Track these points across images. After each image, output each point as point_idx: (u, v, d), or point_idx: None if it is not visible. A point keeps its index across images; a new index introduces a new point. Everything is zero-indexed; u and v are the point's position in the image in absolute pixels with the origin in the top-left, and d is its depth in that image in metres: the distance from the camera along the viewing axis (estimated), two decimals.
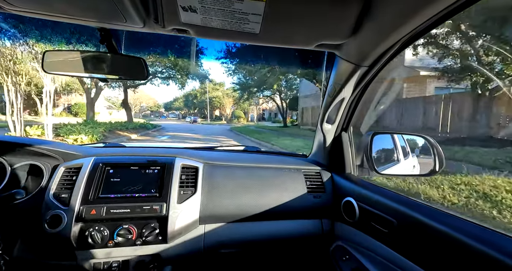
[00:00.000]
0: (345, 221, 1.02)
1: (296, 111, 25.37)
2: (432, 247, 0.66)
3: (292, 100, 23.82)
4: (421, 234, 0.69)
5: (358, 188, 1.00)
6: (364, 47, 0.79)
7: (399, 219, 0.77)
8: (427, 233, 0.68)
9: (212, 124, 30.50)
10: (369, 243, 0.88)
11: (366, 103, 3.64)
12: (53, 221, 0.84)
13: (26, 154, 0.97)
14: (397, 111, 10.19)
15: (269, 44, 0.86)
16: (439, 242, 0.64)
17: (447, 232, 0.63)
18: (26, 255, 0.88)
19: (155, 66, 14.53)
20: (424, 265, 0.67)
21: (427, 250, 0.67)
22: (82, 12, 0.68)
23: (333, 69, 1.01)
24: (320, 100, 1.16)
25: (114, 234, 0.88)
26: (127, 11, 0.64)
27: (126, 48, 0.84)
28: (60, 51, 0.82)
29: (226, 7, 0.62)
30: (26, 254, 0.88)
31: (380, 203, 0.87)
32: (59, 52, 0.82)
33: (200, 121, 37.56)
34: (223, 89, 43.35)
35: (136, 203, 0.91)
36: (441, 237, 0.64)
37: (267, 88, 21.10)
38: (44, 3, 0.64)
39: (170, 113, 68.36)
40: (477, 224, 0.63)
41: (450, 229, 0.63)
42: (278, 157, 1.33)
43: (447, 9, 0.55)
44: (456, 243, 0.60)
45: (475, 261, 0.55)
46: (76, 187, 0.90)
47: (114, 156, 1.06)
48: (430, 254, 0.66)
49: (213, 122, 38.37)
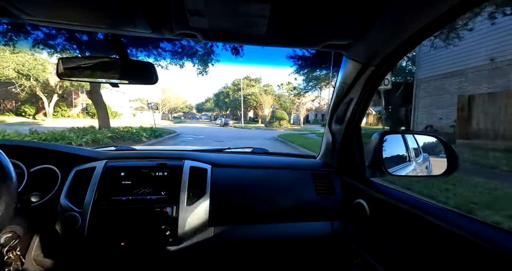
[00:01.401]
0: (356, 223, 1.01)
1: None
2: (447, 251, 0.64)
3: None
4: (436, 237, 0.67)
5: (368, 189, 0.98)
6: (372, 47, 0.78)
7: (412, 222, 0.75)
8: (442, 237, 0.66)
9: (247, 128, 25.65)
10: (381, 245, 0.86)
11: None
12: (68, 222, 0.86)
13: (42, 158, 1.01)
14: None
15: (276, 45, 0.86)
16: (455, 246, 0.62)
17: (463, 235, 0.60)
18: (42, 256, 0.91)
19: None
20: (438, 268, 0.65)
21: (442, 254, 0.65)
22: (94, 20, 0.71)
23: (341, 69, 1.00)
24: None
25: (125, 235, 0.90)
26: (136, 18, 0.66)
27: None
28: (74, 58, 0.85)
29: (233, 10, 0.63)
30: (42, 255, 0.91)
31: (392, 205, 0.85)
32: (73, 59, 0.85)
33: (232, 124, 30.63)
34: (259, 86, 37.34)
35: (146, 205, 0.93)
36: (457, 241, 0.62)
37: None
38: (58, 12, 0.67)
39: (203, 115, 66.14)
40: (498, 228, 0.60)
41: (466, 232, 0.60)
42: (286, 159, 1.32)
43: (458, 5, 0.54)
44: (473, 246, 0.58)
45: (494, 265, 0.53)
46: (89, 190, 0.93)
47: (125, 159, 1.08)
48: (445, 257, 0.64)
49: (248, 125, 32.55)
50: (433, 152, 1.14)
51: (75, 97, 27.18)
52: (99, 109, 10.34)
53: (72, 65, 0.84)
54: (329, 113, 1.17)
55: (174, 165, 1.04)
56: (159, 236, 0.92)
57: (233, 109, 41.09)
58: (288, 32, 0.76)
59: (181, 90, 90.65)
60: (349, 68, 0.93)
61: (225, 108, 44.01)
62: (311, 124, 35.80)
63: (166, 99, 44.99)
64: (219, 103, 45.33)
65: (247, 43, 0.86)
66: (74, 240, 0.87)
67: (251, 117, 43.03)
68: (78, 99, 27.70)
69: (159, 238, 0.92)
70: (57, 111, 25.15)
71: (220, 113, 50.53)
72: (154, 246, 0.93)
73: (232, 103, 39.06)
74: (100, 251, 0.90)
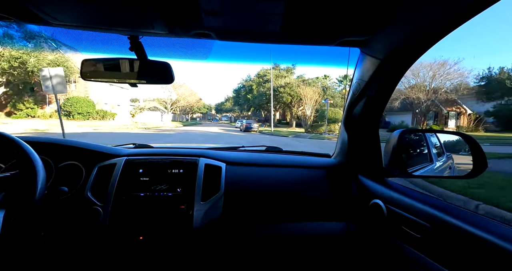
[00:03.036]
0: (372, 224, 0.98)
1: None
2: (470, 255, 0.60)
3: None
4: (459, 240, 0.64)
5: (386, 189, 0.95)
6: (390, 42, 0.74)
7: (433, 223, 0.72)
8: (465, 240, 0.62)
9: (280, 135, 16.36)
10: (399, 247, 0.83)
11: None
12: (91, 215, 0.92)
13: (67, 154, 1.07)
14: None
15: (290, 43, 0.85)
16: (479, 250, 0.58)
17: (489, 240, 0.57)
18: (69, 246, 0.97)
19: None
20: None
21: (464, 257, 0.61)
22: (116, 23, 0.74)
23: (357, 66, 0.97)
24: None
25: (144, 229, 0.94)
26: (154, 19, 0.68)
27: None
28: (96, 59, 0.89)
29: (247, 8, 0.63)
30: (69, 246, 0.97)
31: (411, 206, 0.81)
32: (95, 60, 0.89)
33: (257, 128, 20.56)
34: (290, 77, 27.75)
35: (163, 201, 0.96)
36: (482, 245, 0.58)
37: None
38: (83, 17, 0.70)
39: (223, 116, 61.21)
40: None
41: (492, 236, 0.57)
42: (300, 157, 1.31)
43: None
44: (498, 251, 0.54)
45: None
46: (110, 185, 0.97)
47: (143, 156, 1.12)
48: (468, 262, 0.60)
49: (279, 129, 22.73)
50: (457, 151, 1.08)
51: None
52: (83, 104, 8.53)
53: (94, 66, 0.88)
54: (345, 112, 1.14)
55: (189, 162, 1.07)
56: (175, 231, 0.95)
57: (256, 108, 32.89)
58: (302, 30, 0.74)
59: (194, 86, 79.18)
60: (366, 65, 0.90)
61: (247, 107, 35.14)
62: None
63: (181, 95, 36.54)
64: (240, 100, 36.24)
65: (261, 42, 0.86)
66: (97, 232, 0.92)
67: (278, 119, 33.87)
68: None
69: (174, 233, 0.95)
70: (19, 110, 18.29)
71: (241, 114, 43.01)
72: (170, 241, 0.96)
73: (256, 100, 29.93)
74: (120, 243, 0.94)
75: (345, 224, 1.08)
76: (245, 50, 1.09)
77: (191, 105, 42.51)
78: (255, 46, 0.98)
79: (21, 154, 0.71)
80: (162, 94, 34.51)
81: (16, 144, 0.72)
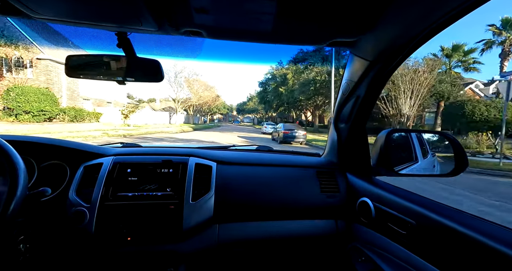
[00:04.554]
0: (360, 221, 1.00)
1: None
2: (452, 250, 0.63)
3: None
4: (442, 236, 0.66)
5: (373, 188, 0.98)
6: (379, 43, 0.76)
7: (417, 220, 0.75)
8: (448, 235, 0.65)
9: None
10: (386, 244, 0.86)
11: None
12: (76, 217, 0.88)
13: (51, 153, 1.03)
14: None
15: (281, 42, 0.86)
16: (460, 245, 0.61)
17: (470, 235, 0.60)
18: (51, 249, 0.93)
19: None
20: (443, 267, 0.64)
21: (447, 252, 0.64)
22: (101, 18, 0.71)
23: (347, 67, 0.99)
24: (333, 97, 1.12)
25: (132, 231, 0.92)
26: (143, 15, 0.66)
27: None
28: (81, 56, 0.86)
29: (238, 7, 0.62)
30: (51, 249, 0.93)
31: (397, 203, 0.84)
32: (81, 57, 0.86)
33: (304, 137, 12.85)
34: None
35: (152, 201, 0.94)
36: (463, 240, 0.61)
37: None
38: (66, 11, 0.67)
39: (245, 118, 57.13)
40: (505, 227, 0.59)
41: (473, 232, 0.59)
42: (291, 156, 1.32)
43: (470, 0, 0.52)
44: (479, 246, 0.57)
45: (502, 265, 0.52)
46: (96, 185, 0.94)
47: (132, 155, 1.09)
48: (450, 256, 0.63)
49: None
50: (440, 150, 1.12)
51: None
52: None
53: (79, 63, 0.85)
54: (335, 111, 1.16)
55: (179, 161, 1.05)
56: (165, 232, 0.93)
57: (290, 106, 23.53)
58: (294, 30, 0.75)
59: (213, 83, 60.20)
60: (356, 66, 0.91)
61: (277, 106, 25.59)
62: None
63: (192, 93, 29.65)
64: (267, 96, 26.45)
65: (252, 41, 0.86)
66: (82, 235, 0.89)
67: (309, 121, 25.71)
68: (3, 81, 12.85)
69: (164, 234, 0.93)
70: None
71: (266, 115, 35.06)
72: (160, 242, 0.94)
73: (296, 92, 19.88)
74: (107, 245, 0.92)
75: (334, 222, 1.10)
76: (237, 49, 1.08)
77: (207, 103, 34.08)
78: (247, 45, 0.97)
79: (2, 155, 0.66)
80: (180, 92, 28.15)
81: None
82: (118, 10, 0.66)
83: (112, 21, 0.73)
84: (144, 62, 0.87)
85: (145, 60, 0.87)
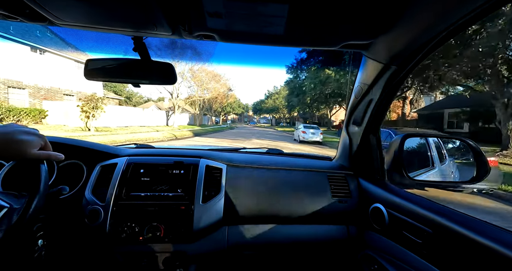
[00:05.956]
0: (373, 228, 0.97)
1: None
2: (473, 262, 0.59)
3: None
4: (461, 246, 0.63)
5: (387, 194, 0.95)
6: (394, 46, 0.74)
7: (434, 229, 0.71)
8: (468, 246, 0.61)
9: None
10: (400, 253, 0.83)
11: None
12: (91, 215, 0.91)
13: (69, 153, 1.08)
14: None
15: (293, 46, 0.85)
16: (482, 257, 0.58)
17: (492, 247, 0.56)
18: (68, 246, 0.97)
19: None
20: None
21: (467, 264, 0.61)
22: (119, 23, 0.74)
23: (360, 69, 0.97)
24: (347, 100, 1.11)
25: (144, 230, 0.93)
26: (158, 20, 0.68)
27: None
28: (100, 59, 0.90)
29: (250, 11, 0.63)
30: (68, 246, 0.97)
31: (413, 210, 0.81)
32: (99, 60, 0.90)
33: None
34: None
35: (163, 202, 0.96)
36: (484, 252, 0.57)
37: None
38: (87, 17, 0.71)
39: (261, 118, 53.32)
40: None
41: (496, 244, 0.56)
42: (301, 160, 1.31)
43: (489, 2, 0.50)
44: (502, 259, 0.53)
45: None
46: (111, 185, 0.97)
47: (144, 156, 1.12)
48: (471, 269, 0.60)
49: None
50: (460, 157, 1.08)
51: None
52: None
53: (98, 66, 0.89)
54: (347, 115, 1.14)
55: (190, 163, 1.07)
56: (175, 232, 0.94)
57: (330, 100, 18.74)
58: (306, 32, 0.75)
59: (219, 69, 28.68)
60: (369, 69, 0.90)
61: (313, 101, 20.23)
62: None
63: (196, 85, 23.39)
64: (304, 85, 20.01)
65: (264, 44, 0.86)
66: (97, 233, 0.92)
67: (335, 125, 23.30)
68: None
69: (175, 234, 0.94)
70: None
71: (288, 114, 31.61)
72: (170, 242, 0.95)
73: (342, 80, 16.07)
74: (119, 244, 0.94)
75: (346, 228, 1.07)
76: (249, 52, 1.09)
77: (216, 98, 26.58)
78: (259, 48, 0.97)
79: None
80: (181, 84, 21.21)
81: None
82: (136, 16, 0.68)
83: (129, 26, 0.75)
84: (158, 65, 0.90)
85: (159, 63, 0.90)
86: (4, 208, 0.51)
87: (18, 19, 0.70)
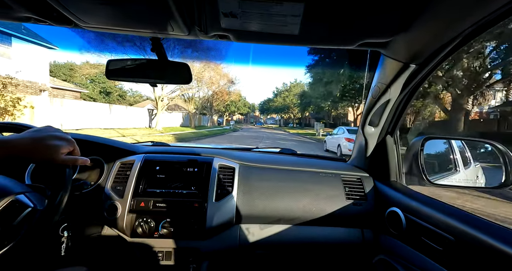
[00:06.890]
0: (389, 233, 0.93)
1: None
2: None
3: None
4: (486, 256, 0.59)
5: (405, 198, 0.91)
6: (414, 44, 0.71)
7: (457, 237, 0.67)
8: (494, 257, 0.57)
9: None
10: (418, 259, 0.79)
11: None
12: (110, 210, 0.96)
13: (91, 149, 1.13)
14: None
15: (308, 45, 0.84)
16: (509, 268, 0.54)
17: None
18: (88, 238, 1.02)
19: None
20: None
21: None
22: (138, 25, 0.77)
23: (378, 68, 0.94)
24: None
25: (159, 226, 0.96)
26: (175, 21, 0.70)
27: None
28: (120, 60, 0.93)
29: (265, 10, 0.63)
30: (88, 237, 1.02)
31: (433, 216, 0.77)
32: (119, 61, 0.93)
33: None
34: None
35: (178, 199, 0.98)
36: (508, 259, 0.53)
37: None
38: (110, 20, 0.74)
39: (268, 119, 51.48)
40: None
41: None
42: (315, 160, 1.29)
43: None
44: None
45: None
46: (129, 181, 1.01)
47: (160, 154, 1.15)
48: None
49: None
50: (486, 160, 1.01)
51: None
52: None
53: (118, 66, 0.93)
54: (363, 115, 1.10)
55: (204, 161, 1.08)
56: (188, 229, 0.96)
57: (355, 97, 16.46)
58: (322, 31, 0.73)
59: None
60: (388, 68, 0.86)
61: (341, 97, 18.10)
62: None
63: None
64: (340, 77, 16.80)
65: (279, 43, 0.86)
66: (115, 227, 0.96)
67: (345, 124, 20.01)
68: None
69: (188, 231, 0.96)
70: None
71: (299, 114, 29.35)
72: (184, 238, 0.97)
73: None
74: (136, 238, 0.98)
75: (360, 231, 1.04)
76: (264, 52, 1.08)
77: (216, 94, 22.05)
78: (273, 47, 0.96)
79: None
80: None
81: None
82: (154, 17, 0.71)
83: (148, 27, 0.78)
84: (174, 65, 0.92)
85: (175, 64, 0.92)
86: (28, 208, 0.53)
87: (47, 23, 0.75)
